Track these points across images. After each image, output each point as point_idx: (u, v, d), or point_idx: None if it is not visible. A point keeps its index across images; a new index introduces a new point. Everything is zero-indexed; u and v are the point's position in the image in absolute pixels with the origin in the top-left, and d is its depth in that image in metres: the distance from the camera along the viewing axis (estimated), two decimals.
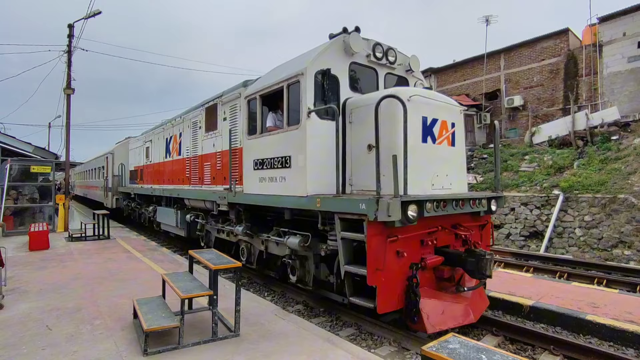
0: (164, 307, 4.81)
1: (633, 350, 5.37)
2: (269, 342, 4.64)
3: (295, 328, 5.12)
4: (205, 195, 9.05)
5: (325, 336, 4.89)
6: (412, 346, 5.36)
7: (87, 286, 7.13)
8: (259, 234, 7.74)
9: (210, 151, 9.48)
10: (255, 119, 7.20)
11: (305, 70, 6.03)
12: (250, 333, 4.91)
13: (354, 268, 5.40)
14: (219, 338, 4.65)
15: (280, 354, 4.37)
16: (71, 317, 5.53)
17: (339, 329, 6.03)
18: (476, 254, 5.55)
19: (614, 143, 20.50)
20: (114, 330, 5.00)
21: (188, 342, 4.50)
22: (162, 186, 12.54)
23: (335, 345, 4.60)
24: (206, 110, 9.72)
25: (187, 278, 5.15)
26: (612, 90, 22.77)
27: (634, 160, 18.32)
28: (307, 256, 6.71)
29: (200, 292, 4.59)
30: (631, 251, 13.64)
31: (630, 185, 16.41)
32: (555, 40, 24.10)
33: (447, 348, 2.14)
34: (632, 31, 22.31)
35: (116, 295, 6.55)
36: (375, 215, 4.92)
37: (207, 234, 9.86)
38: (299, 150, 6.11)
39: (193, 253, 5.45)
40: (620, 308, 6.29)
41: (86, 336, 4.82)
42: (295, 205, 6.20)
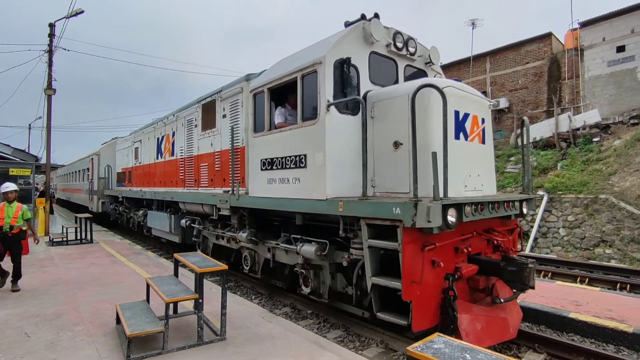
0: (148, 312, 4.55)
1: (613, 347, 5.33)
2: (255, 346, 4.45)
3: (282, 331, 4.89)
4: (203, 199, 8.14)
5: (313, 338, 4.68)
6: (399, 347, 5.11)
7: (68, 292, 6.72)
8: (265, 241, 6.89)
9: (207, 151, 8.57)
10: (263, 114, 6.35)
11: (323, 58, 5.23)
12: (237, 336, 4.69)
13: (384, 280, 4.64)
14: (204, 342, 4.44)
15: (267, 357, 4.19)
16: (51, 323, 5.20)
17: (326, 331, 5.74)
18: (517, 263, 4.84)
19: (596, 145, 20.43)
20: (95, 336, 4.72)
21: (173, 346, 4.29)
22: (153, 189, 11.51)
23: (323, 347, 4.42)
24: (203, 107, 8.81)
25: (172, 282, 4.89)
26: (593, 93, 22.71)
27: (614, 161, 18.25)
28: (322, 265, 5.90)
29: (186, 295, 4.43)
30: (612, 250, 13.64)
31: (610, 186, 16.31)
32: (539, 44, 23.93)
33: (432, 348, 2.08)
34: (611, 36, 22.29)
35: (98, 300, 6.16)
36: (413, 221, 4.17)
37: (204, 240, 8.93)
38: (316, 148, 5.30)
39: (178, 256, 5.09)
40: (601, 305, 6.25)
41: (66, 343, 4.55)
42: (312, 209, 5.39)
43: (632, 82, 21.65)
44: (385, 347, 5.19)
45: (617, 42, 22.00)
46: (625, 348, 5.24)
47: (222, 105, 8.09)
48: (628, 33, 21.72)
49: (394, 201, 4.42)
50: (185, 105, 9.79)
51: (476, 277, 5.00)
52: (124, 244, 12.19)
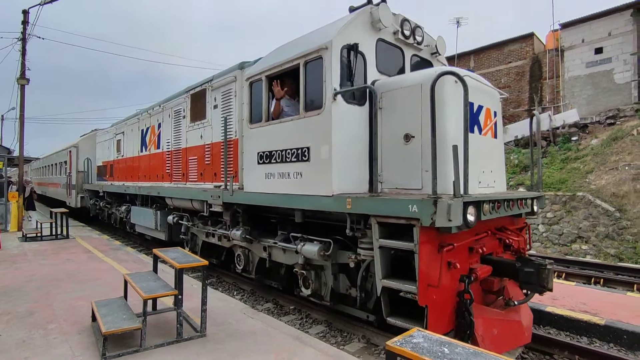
0: (125, 309, 4.39)
1: (586, 338, 5.47)
2: (236, 342, 4.34)
3: (264, 327, 4.79)
4: (193, 194, 7.57)
5: (295, 334, 4.59)
6: (380, 342, 5.01)
7: (42, 289, 6.39)
8: (261, 239, 6.40)
9: (196, 143, 8.00)
10: (260, 104, 5.85)
11: (330, 43, 4.77)
12: (217, 333, 4.56)
13: (397, 283, 4.25)
14: (183, 339, 4.31)
15: (247, 353, 4.09)
16: (23, 321, 4.95)
17: (308, 327, 5.66)
18: (535, 264, 4.51)
19: (574, 144, 20.63)
20: (69, 334, 4.53)
21: (151, 344, 4.14)
22: (137, 183, 10.82)
23: (305, 343, 4.33)
24: (192, 97, 8.22)
25: (150, 278, 4.74)
26: (573, 93, 22.95)
27: (591, 160, 18.46)
28: (324, 266, 5.47)
29: (165, 292, 4.28)
30: (588, 246, 13.83)
31: (587, 184, 16.50)
32: (522, 44, 24.02)
33: (411, 342, 2.07)
34: (590, 38, 22.53)
35: (74, 297, 5.87)
36: (432, 220, 3.78)
37: (192, 238, 8.37)
38: (321, 140, 4.85)
39: (157, 252, 4.91)
40: (576, 299, 6.38)
41: (39, 341, 4.35)
42: (316, 206, 4.94)
43: (609, 84, 21.94)
44: (367, 341, 5.11)
45: (596, 44, 22.25)
46: (597, 340, 5.41)
47: (213, 95, 7.53)
48: (605, 35, 21.97)
49: (410, 198, 4.01)
50: (173, 95, 9.16)
51: (490, 279, 4.66)
52: (102, 239, 11.62)
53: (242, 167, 6.75)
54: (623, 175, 15.81)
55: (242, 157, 6.76)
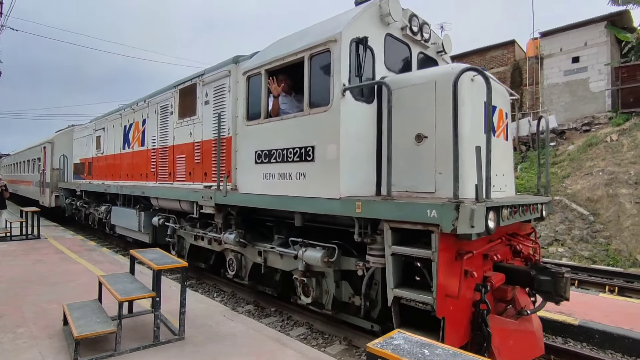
0: (99, 312, 4.22)
1: (561, 338, 5.51)
2: (215, 345, 4.21)
3: (244, 329, 4.66)
4: (181, 195, 7.07)
5: (276, 336, 4.50)
6: (362, 344, 4.92)
7: (10, 291, 6.04)
8: (256, 244, 5.98)
9: (185, 141, 7.51)
10: (259, 100, 5.44)
11: (339, 36, 4.43)
12: (196, 335, 4.42)
13: (411, 293, 3.93)
14: (161, 342, 4.15)
15: (227, 356, 3.98)
16: None
17: (289, 329, 5.54)
18: (551, 272, 4.27)
19: (552, 149, 20.95)
20: (39, 338, 4.31)
21: (126, 348, 3.97)
22: (118, 182, 10.18)
23: (285, 345, 4.24)
24: (180, 92, 7.72)
25: (127, 280, 4.57)
26: (551, 100, 23.32)
27: (567, 165, 18.78)
28: (326, 273, 5.11)
29: (142, 294, 4.14)
30: (564, 248, 13.95)
31: (564, 188, 16.75)
32: (503, 51, 24.31)
33: (391, 344, 2.06)
34: (567, 47, 22.96)
35: (45, 300, 5.56)
36: (454, 226, 3.48)
37: (179, 241, 7.85)
38: (328, 138, 4.49)
39: (135, 253, 4.74)
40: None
41: (7, 346, 4.13)
42: (321, 210, 4.58)
43: (585, 92, 22.38)
44: (349, 343, 5.02)
45: (573, 53, 22.68)
46: (571, 339, 5.47)
47: (204, 90, 7.07)
48: (582, 45, 22.41)
49: (429, 202, 3.70)
50: (159, 89, 8.62)
51: (503, 287, 4.40)
52: (76, 239, 11.04)
53: (236, 167, 6.33)
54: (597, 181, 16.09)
55: (235, 156, 6.34)
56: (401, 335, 2.17)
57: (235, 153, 6.35)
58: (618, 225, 14.05)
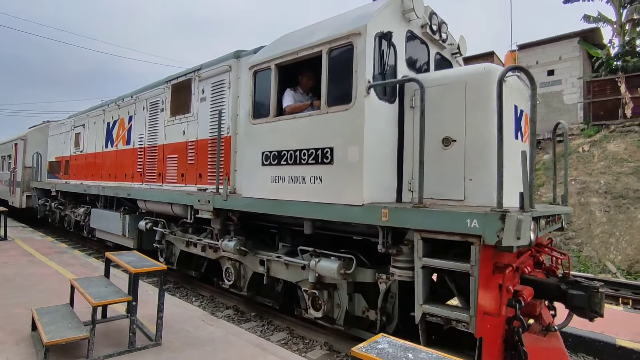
0: (71, 317, 3.99)
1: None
2: (193, 350, 4.04)
3: (223, 334, 4.50)
4: (174, 198, 6.47)
5: (256, 341, 4.36)
6: (343, 348, 4.81)
7: None
8: (258, 252, 5.47)
9: (177, 140, 6.92)
10: (268, 97, 4.96)
11: (364, 29, 4.02)
12: (174, 341, 4.23)
13: (445, 310, 3.55)
14: (136, 348, 3.94)
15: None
16: None
17: (270, 334, 5.35)
18: (584, 286, 3.97)
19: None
20: (6, 344, 4.03)
21: (99, 354, 3.77)
22: (99, 183, 9.39)
23: (266, 350, 4.11)
24: (173, 88, 7.13)
25: (101, 283, 4.36)
26: None
27: (542, 174, 19.06)
28: (338, 284, 4.67)
29: (117, 298, 3.98)
30: None
31: (539, 196, 16.96)
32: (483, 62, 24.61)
33: (376, 348, 2.03)
34: (543, 60, 23.47)
35: (11, 304, 5.19)
36: (499, 238, 3.12)
37: (168, 247, 7.22)
38: (349, 139, 4.07)
39: (110, 255, 4.55)
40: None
41: None
42: (339, 217, 4.15)
43: (559, 104, 22.90)
44: (330, 348, 4.89)
45: (548, 67, 23.20)
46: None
47: (200, 87, 6.53)
48: (557, 59, 22.96)
49: (468, 211, 3.33)
50: (148, 85, 7.98)
51: (532, 302, 4.07)
52: (46, 241, 10.32)
53: (235, 169, 5.83)
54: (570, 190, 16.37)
55: (234, 157, 5.86)
56: (385, 339, 2.13)
57: (235, 154, 5.86)
58: (589, 232, 14.28)
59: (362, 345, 2.07)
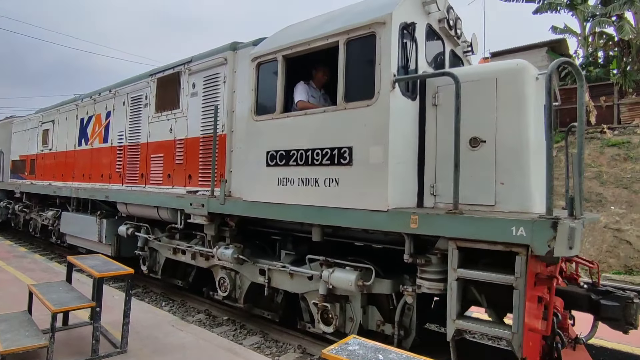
0: (29, 325, 3.78)
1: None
2: (162, 357, 3.89)
3: (194, 339, 4.33)
4: (162, 201, 5.83)
5: (227, 346, 4.23)
6: (316, 351, 4.62)
7: None
8: (258, 260, 4.97)
9: (164, 138, 6.30)
10: (273, 91, 4.47)
11: (389, 18, 3.64)
12: (141, 348, 4.05)
13: (481, 326, 3.18)
14: (99, 357, 3.76)
15: None
16: None
17: (243, 338, 5.14)
18: (618, 297, 3.72)
19: None
20: None
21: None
22: (71, 184, 8.52)
23: (238, 354, 4.01)
24: (159, 82, 6.50)
25: (63, 289, 4.16)
26: None
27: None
28: (351, 296, 4.24)
29: (79, 304, 3.81)
30: None
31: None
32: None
33: (346, 350, 2.01)
34: None
35: None
36: (550, 247, 2.79)
37: (152, 254, 6.54)
38: (372, 138, 3.67)
39: (73, 259, 4.36)
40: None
41: None
42: (359, 224, 3.74)
43: None
44: (303, 351, 4.76)
45: None
46: None
47: (190, 81, 5.95)
48: None
49: (513, 218, 2.99)
50: (130, 78, 7.28)
51: (563, 313, 3.80)
52: (3, 245, 9.67)
53: (231, 170, 5.31)
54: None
55: (230, 157, 5.32)
56: (356, 341, 2.11)
57: (231, 153, 5.34)
58: None
59: (332, 347, 2.03)
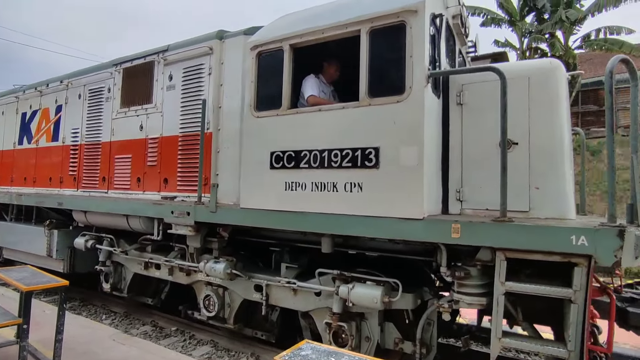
0: None
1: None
2: None
3: (139, 353, 4.10)
4: (134, 209, 5.00)
5: (175, 358, 4.09)
6: (270, 358, 4.35)
7: None
8: (253, 275, 4.38)
9: (133, 136, 5.48)
10: (278, 84, 3.94)
11: (422, 5, 3.29)
12: None
13: (533, 344, 2.91)
14: None
15: None
16: None
17: (192, 349, 4.90)
18: None
19: None
20: None
21: None
22: (10, 189, 7.22)
23: None
24: (126, 73, 5.66)
25: None
26: None
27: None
28: (367, 313, 3.82)
29: (3, 321, 3.43)
30: None
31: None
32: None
33: (299, 355, 2.00)
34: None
35: None
36: (617, 258, 2.58)
37: (116, 269, 5.64)
38: (404, 138, 3.29)
39: None
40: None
41: None
42: (389, 234, 3.34)
43: None
44: (256, 359, 4.60)
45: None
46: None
47: (166, 72, 5.22)
48: None
49: (573, 226, 2.74)
50: (87, 68, 6.30)
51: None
52: None
53: (217, 172, 4.68)
54: None
55: (216, 159, 4.70)
56: (309, 346, 2.12)
57: (217, 154, 4.72)
58: None
59: (285, 353, 2.01)
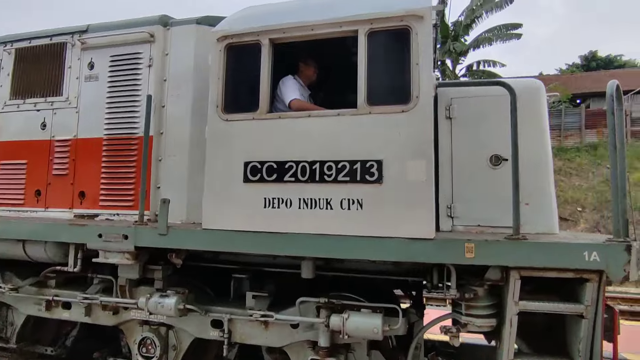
0: None
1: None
2: None
3: None
4: (38, 232, 3.71)
5: None
6: None
7: None
8: (211, 308, 3.62)
9: (30, 137, 4.22)
10: (253, 83, 3.33)
11: (428, 12, 3.11)
12: None
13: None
14: None
15: None
16: None
17: None
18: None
19: None
20: None
21: None
22: None
23: None
24: (20, 55, 4.36)
25: None
26: None
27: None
28: (353, 344, 3.42)
29: None
30: None
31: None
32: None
33: None
34: None
35: None
36: (626, 272, 2.70)
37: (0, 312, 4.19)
38: (410, 151, 3.02)
39: None
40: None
41: None
42: (393, 256, 3.01)
43: None
44: None
45: None
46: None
47: (85, 58, 4.16)
48: None
49: (584, 242, 2.78)
50: None
51: None
52: None
53: (158, 185, 3.84)
54: None
55: (158, 168, 3.87)
56: None
57: (159, 163, 3.88)
58: None
59: None
